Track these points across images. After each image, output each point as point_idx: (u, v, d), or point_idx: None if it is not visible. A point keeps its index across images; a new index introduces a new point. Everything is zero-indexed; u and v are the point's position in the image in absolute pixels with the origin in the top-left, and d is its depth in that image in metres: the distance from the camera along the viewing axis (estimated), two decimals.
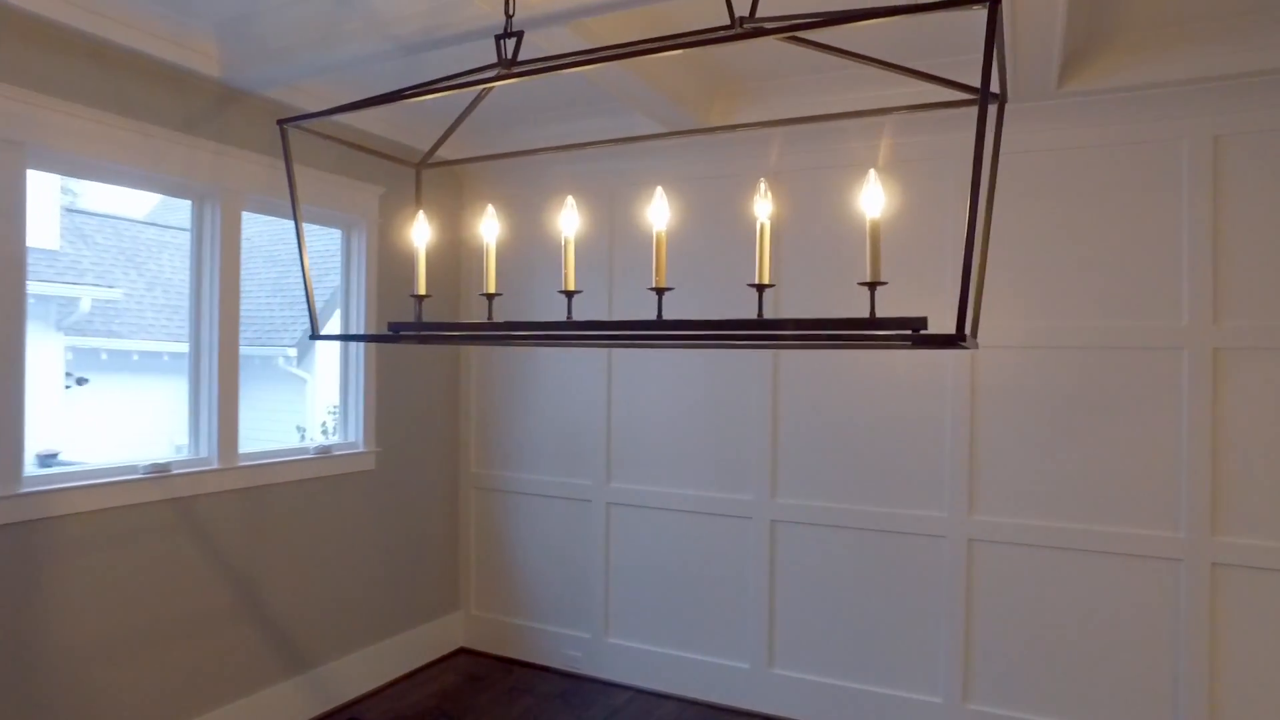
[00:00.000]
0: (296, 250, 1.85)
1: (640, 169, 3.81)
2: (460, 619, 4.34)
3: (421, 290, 1.73)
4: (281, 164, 3.28)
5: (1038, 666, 3.14)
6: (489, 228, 1.53)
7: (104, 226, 8.17)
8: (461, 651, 4.28)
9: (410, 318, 2.18)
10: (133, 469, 2.85)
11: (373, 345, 3.79)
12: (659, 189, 1.52)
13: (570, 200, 1.56)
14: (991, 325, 3.17)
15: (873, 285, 1.29)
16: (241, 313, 3.24)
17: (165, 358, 8.32)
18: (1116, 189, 3.04)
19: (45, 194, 7.44)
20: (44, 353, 7.26)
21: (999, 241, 3.18)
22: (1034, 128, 3.11)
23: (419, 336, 1.63)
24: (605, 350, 3.93)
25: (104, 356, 7.87)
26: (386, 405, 3.87)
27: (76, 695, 2.67)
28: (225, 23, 2.81)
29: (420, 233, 1.76)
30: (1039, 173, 3.15)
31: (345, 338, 1.90)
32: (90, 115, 2.68)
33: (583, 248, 3.92)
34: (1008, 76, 2.74)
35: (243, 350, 3.29)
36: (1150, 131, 2.98)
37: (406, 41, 2.58)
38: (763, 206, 1.40)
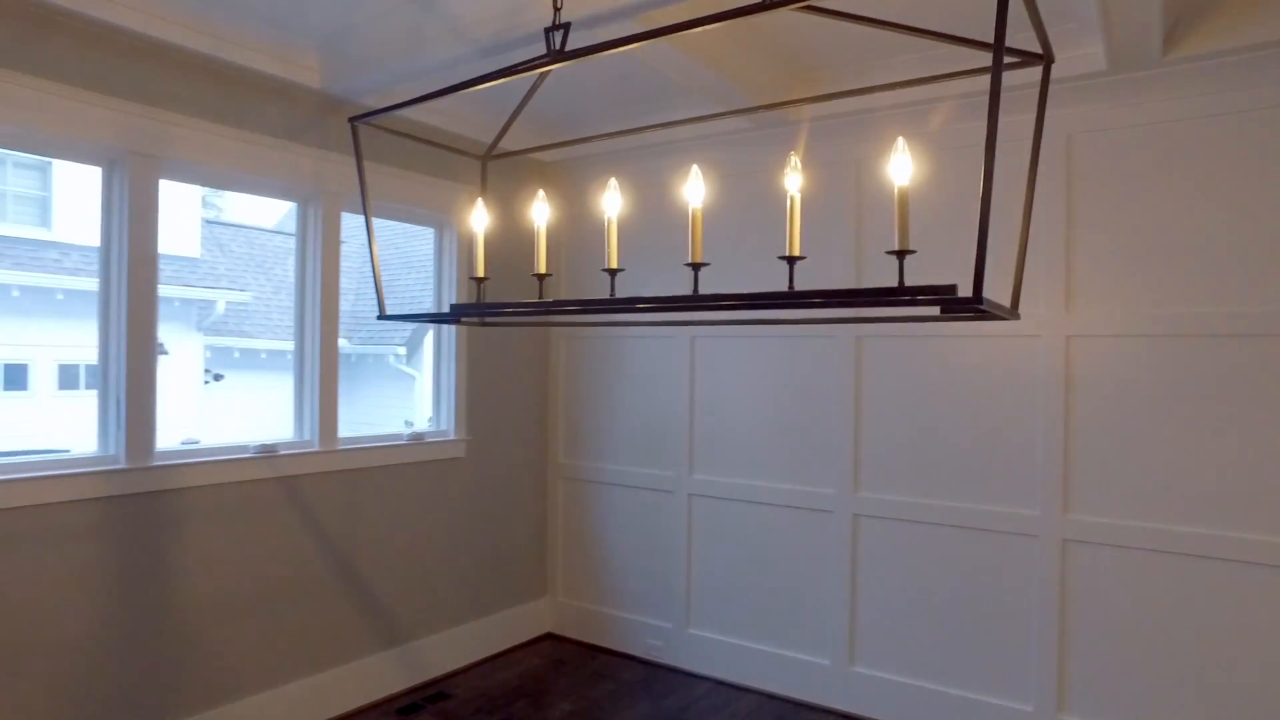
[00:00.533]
0: (402, 254, 2.01)
1: (731, 160, 3.80)
2: (548, 605, 4.47)
3: (480, 273, 1.83)
4: (380, 168, 3.51)
5: (1142, 679, 2.95)
6: (539, 211, 1.61)
7: (238, 236, 8.87)
8: (548, 636, 4.41)
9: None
10: (244, 449, 3.12)
11: (464, 338, 3.97)
12: (695, 167, 1.55)
13: (613, 182, 1.62)
14: (1089, 313, 3.03)
15: (901, 254, 1.29)
16: (354, 313, 3.47)
17: (288, 355, 8.91)
18: (1225, 163, 2.84)
19: (188, 207, 8.13)
20: (186, 351, 7.94)
21: (1095, 226, 3.03)
22: (1137, 100, 2.94)
23: (477, 318, 1.73)
24: (688, 341, 3.97)
25: (237, 354, 8.54)
26: (477, 396, 4.05)
27: (196, 647, 2.94)
28: (325, 37, 3.03)
29: (479, 219, 1.86)
30: (1140, 149, 2.98)
31: (408, 317, 2.03)
32: (210, 129, 2.95)
33: (677, 238, 3.98)
34: (1106, 45, 2.62)
35: (356, 349, 3.55)
36: (1266, 97, 2.76)
37: (484, 44, 2.71)
38: (793, 179, 1.41)
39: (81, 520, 2.65)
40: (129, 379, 2.78)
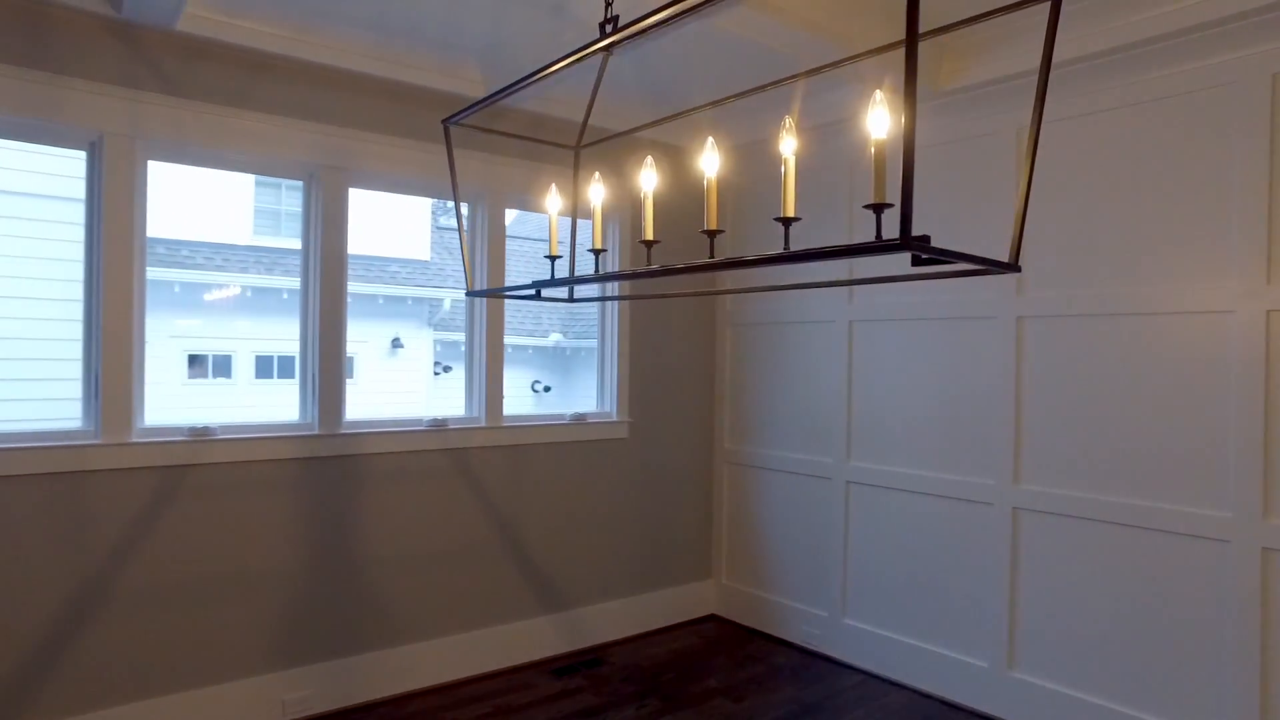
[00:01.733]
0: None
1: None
2: (712, 587, 4.57)
3: (554, 252, 1.99)
4: (537, 165, 3.81)
5: None
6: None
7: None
8: (712, 618, 4.51)
9: (646, 302, 2.47)
10: (418, 422, 3.54)
11: (627, 324, 4.18)
12: (710, 139, 1.59)
13: (649, 159, 1.70)
14: None
15: (878, 207, 1.25)
16: (568, 309, 3.81)
17: (510, 349, 9.74)
18: None
19: (421, 215, 9.16)
20: (419, 344, 8.96)
21: None
22: None
23: (559, 290, 1.89)
24: (846, 325, 3.88)
25: (464, 349, 9.45)
26: (640, 380, 4.24)
27: (375, 592, 3.39)
28: (481, 51, 3.36)
29: (553, 204, 2.02)
30: None
31: (491, 293, 2.23)
32: (387, 141, 3.39)
33: (829, 214, 3.93)
34: None
35: (570, 343, 3.84)
36: None
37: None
38: (788, 143, 1.41)
39: (286, 476, 3.17)
40: (322, 359, 3.28)
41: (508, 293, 2.15)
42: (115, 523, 2.82)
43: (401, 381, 8.75)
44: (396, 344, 9.10)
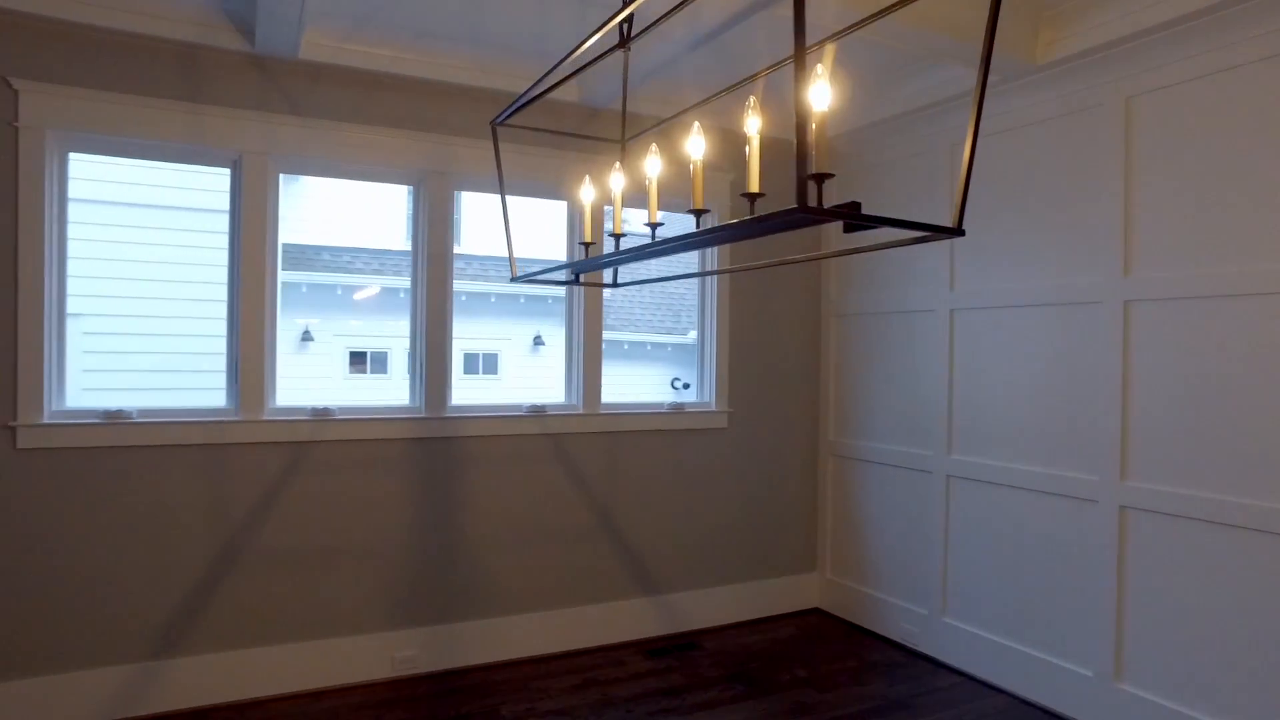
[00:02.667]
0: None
1: (986, 118, 3.55)
2: (816, 581, 4.52)
3: (588, 239, 2.12)
4: (670, 167, 3.95)
5: None
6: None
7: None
8: (816, 612, 4.46)
9: (748, 292, 2.55)
10: (518, 408, 3.78)
11: (726, 314, 4.24)
12: (695, 124, 1.66)
13: (653, 147, 1.79)
14: None
15: (819, 178, 1.28)
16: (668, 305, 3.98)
17: (648, 346, 9.99)
18: None
19: (559, 215, 9.55)
20: (559, 341, 9.36)
21: None
22: None
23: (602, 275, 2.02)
24: (947, 314, 3.74)
25: (625, 346, 9.81)
26: (739, 371, 4.28)
27: (480, 569, 3.66)
28: (576, 59, 3.54)
29: (587, 194, 2.15)
30: None
31: (533, 278, 2.38)
32: (485, 147, 3.64)
33: (926, 199, 3.82)
34: None
35: (667, 339, 3.99)
36: None
37: (703, 30, 2.98)
38: (752, 122, 1.45)
39: (395, 454, 3.50)
40: (428, 349, 3.59)
41: (542, 277, 2.30)
42: (250, 490, 3.25)
43: (545, 377, 9.20)
44: (538, 341, 9.57)
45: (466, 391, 4.56)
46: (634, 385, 9.47)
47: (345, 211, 7.94)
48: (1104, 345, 3.09)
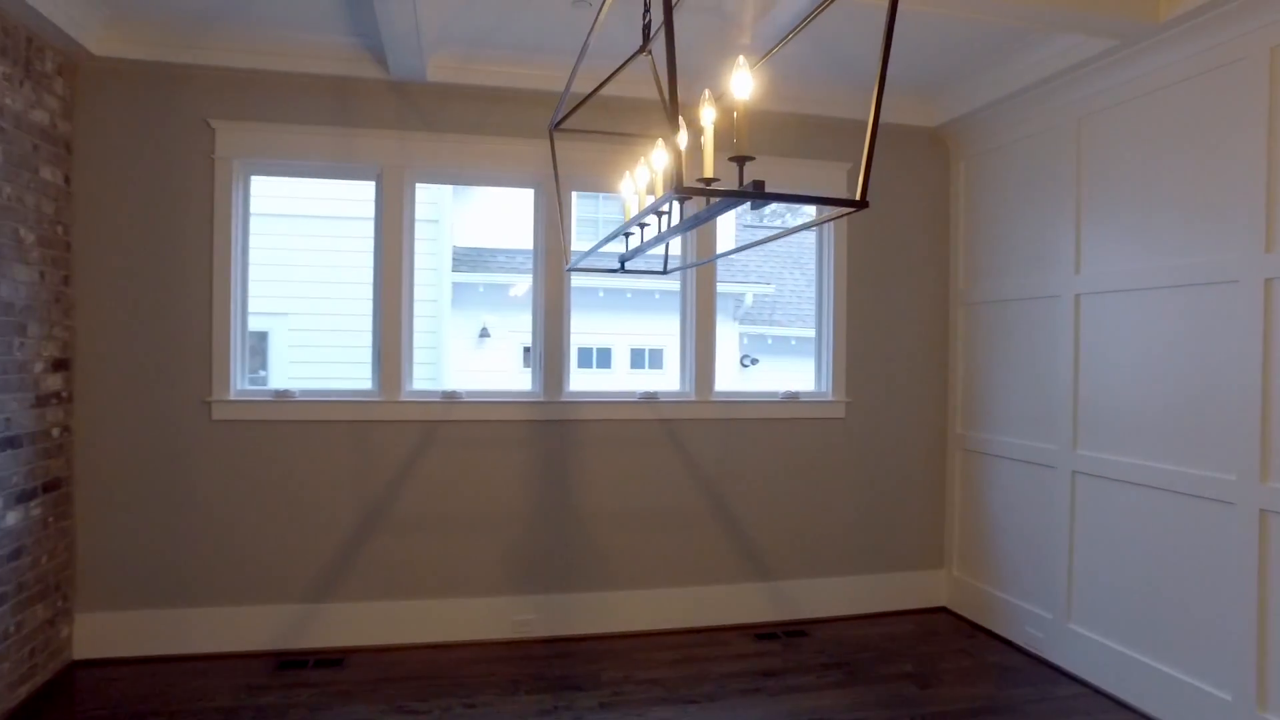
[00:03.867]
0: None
1: (1109, 88, 3.30)
2: (944, 579, 4.35)
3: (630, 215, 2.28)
4: (784, 161, 4.03)
5: None
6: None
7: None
8: (943, 611, 4.29)
9: (867, 280, 2.70)
10: (631, 394, 3.99)
11: (844, 304, 4.20)
12: (740, 58, 1.76)
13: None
14: None
15: (740, 160, 1.36)
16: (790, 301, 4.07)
17: (792, 341, 9.88)
18: None
19: (732, 217, 9.69)
20: (725, 337, 9.51)
21: None
22: None
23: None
24: (1072, 299, 3.49)
25: (769, 340, 9.81)
26: (859, 361, 4.23)
27: (594, 545, 3.92)
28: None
29: (629, 189, 2.30)
30: None
31: (576, 266, 2.55)
32: (596, 149, 3.87)
33: (1046, 191, 3.60)
34: None
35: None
36: None
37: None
38: (708, 112, 1.54)
39: (516, 434, 3.84)
40: (546, 339, 3.90)
41: (590, 265, 2.48)
42: (390, 461, 3.72)
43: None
44: (748, 361, 9.73)
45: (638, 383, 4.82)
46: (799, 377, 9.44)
47: (515, 216, 8.60)
48: (1242, 329, 2.77)
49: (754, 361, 9.75)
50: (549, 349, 3.91)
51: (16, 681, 3.04)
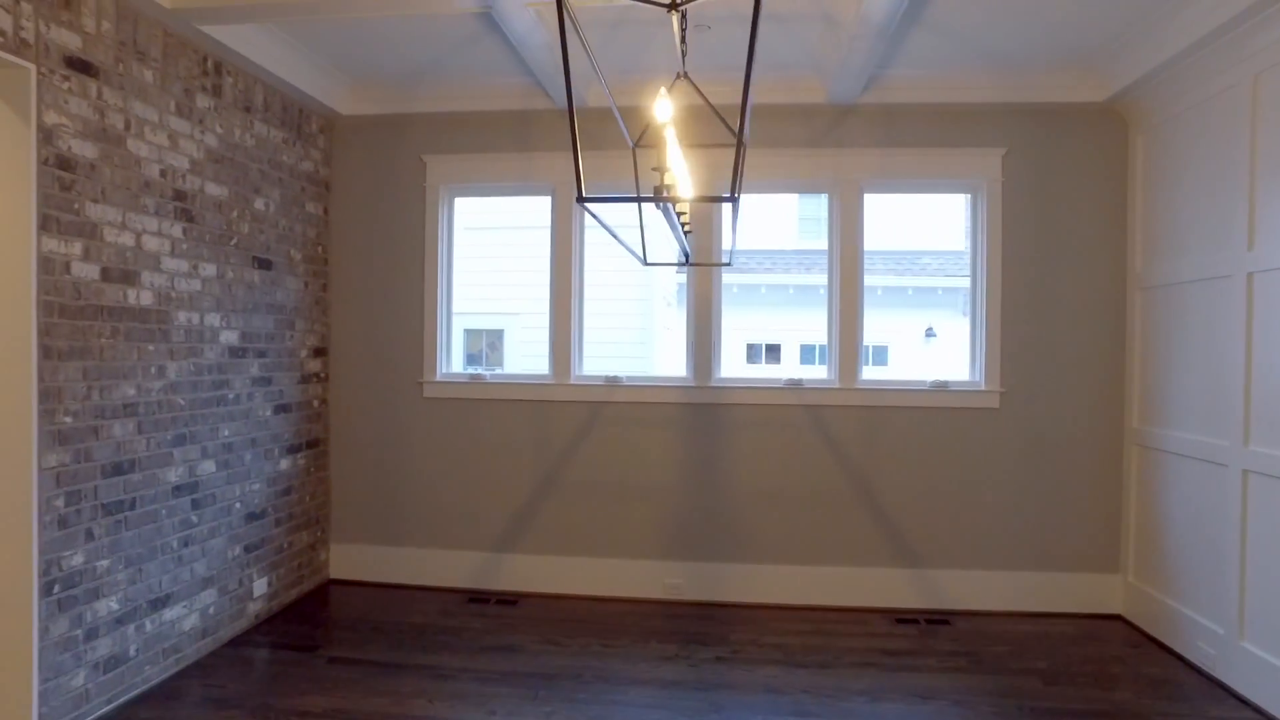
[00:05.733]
0: None
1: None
2: (1118, 584, 4.04)
3: (670, 183, 2.61)
4: (889, 152, 4.11)
5: None
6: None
7: None
8: (1118, 619, 3.99)
9: (1025, 262, 2.92)
10: (775, 381, 4.25)
11: (997, 292, 4.10)
12: (662, 89, 2.07)
13: (661, 90, 2.24)
14: None
15: (660, 170, 1.68)
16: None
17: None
18: None
19: (957, 210, 9.35)
20: (955, 332, 9.17)
21: None
22: None
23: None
24: (1244, 279, 3.17)
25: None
26: (1016, 348, 4.09)
27: (741, 525, 4.23)
28: (820, 63, 3.86)
29: (682, 189, 2.63)
30: None
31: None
32: (763, 155, 4.13)
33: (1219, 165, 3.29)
34: None
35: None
36: None
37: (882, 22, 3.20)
38: (662, 106, 1.86)
39: (670, 416, 4.27)
40: (695, 331, 4.28)
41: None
42: (562, 435, 4.33)
43: (936, 368, 9.16)
44: (930, 334, 9.45)
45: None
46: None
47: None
48: None
49: (932, 334, 9.27)
50: (699, 339, 4.29)
51: (289, 585, 4.09)
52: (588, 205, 1.75)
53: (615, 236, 2.34)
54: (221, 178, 3.52)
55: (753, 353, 9.66)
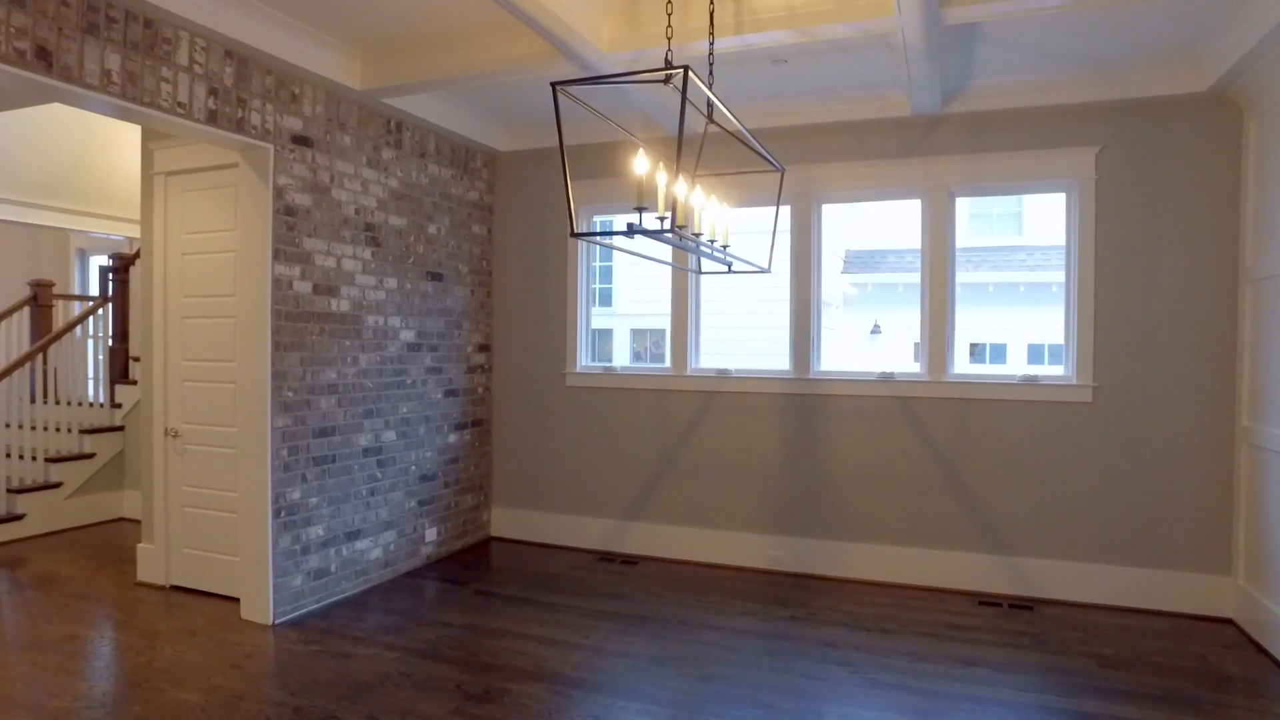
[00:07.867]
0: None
1: None
2: (1228, 587, 3.93)
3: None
4: (978, 157, 4.31)
5: None
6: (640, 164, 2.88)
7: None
8: (1228, 623, 3.90)
9: (1123, 252, 3.38)
10: (869, 374, 4.58)
11: (1090, 280, 4.15)
12: (640, 148, 2.63)
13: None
14: None
15: (639, 209, 2.27)
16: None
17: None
18: None
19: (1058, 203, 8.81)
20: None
21: None
22: None
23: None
24: None
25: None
26: (1111, 341, 4.12)
27: (836, 505, 4.62)
28: (900, 80, 4.19)
29: (641, 165, 3.14)
30: None
31: (592, 236, 3.35)
32: (844, 167, 4.56)
33: None
34: None
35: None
36: None
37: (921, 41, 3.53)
38: (641, 162, 2.43)
39: (773, 405, 4.75)
40: (794, 329, 4.72)
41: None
42: (679, 420, 4.95)
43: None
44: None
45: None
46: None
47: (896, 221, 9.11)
48: None
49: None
50: (798, 336, 4.72)
51: (456, 536, 5.07)
52: (582, 238, 2.37)
53: (641, 255, 2.92)
54: (402, 210, 4.55)
55: (977, 353, 9.65)
